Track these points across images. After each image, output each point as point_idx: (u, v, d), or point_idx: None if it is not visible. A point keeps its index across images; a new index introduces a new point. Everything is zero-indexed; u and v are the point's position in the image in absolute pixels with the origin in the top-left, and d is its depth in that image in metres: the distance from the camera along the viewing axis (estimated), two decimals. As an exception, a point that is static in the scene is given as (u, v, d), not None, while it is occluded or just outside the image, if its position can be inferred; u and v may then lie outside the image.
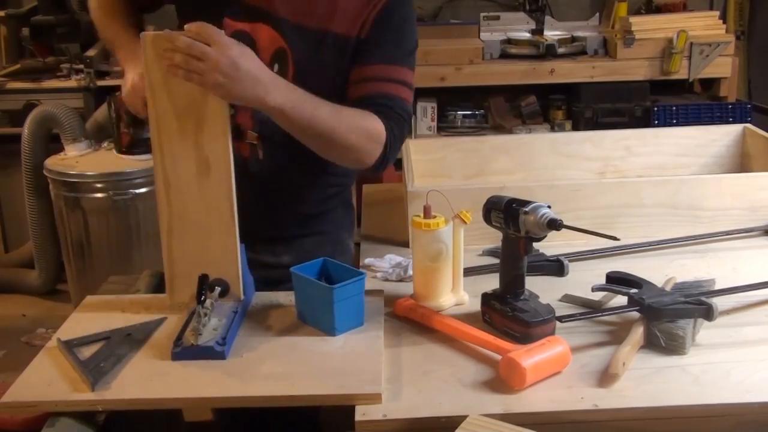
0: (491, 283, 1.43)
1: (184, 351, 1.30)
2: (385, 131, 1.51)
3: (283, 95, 1.39)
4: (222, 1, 1.56)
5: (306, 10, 1.55)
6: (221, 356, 1.29)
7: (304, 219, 1.74)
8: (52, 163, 3.19)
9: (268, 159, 1.64)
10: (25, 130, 3.34)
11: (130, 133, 3.06)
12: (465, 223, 1.43)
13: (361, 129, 1.49)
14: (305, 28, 1.55)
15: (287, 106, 1.39)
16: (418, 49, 1.63)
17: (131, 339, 1.37)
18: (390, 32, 1.56)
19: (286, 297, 1.50)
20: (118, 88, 2.16)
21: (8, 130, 3.60)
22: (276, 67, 1.56)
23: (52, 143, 3.35)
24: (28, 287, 3.62)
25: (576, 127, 3.58)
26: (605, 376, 1.22)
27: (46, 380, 1.26)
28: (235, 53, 1.32)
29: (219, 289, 1.39)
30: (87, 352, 1.33)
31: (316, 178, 1.70)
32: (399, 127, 1.54)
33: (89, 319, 1.45)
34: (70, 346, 1.34)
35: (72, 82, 3.61)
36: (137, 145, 3.06)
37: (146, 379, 1.25)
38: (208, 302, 1.34)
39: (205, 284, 1.37)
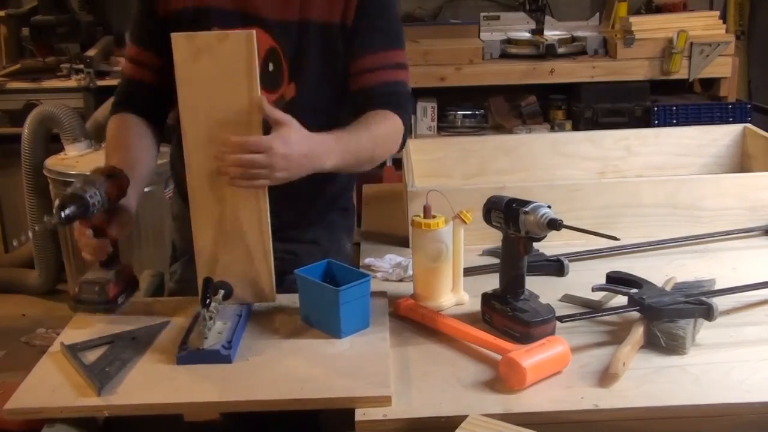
0: (491, 283, 1.43)
1: (189, 355, 1.29)
2: (401, 121, 1.62)
3: (334, 154, 1.45)
4: (206, 15, 1.57)
5: (284, 3, 1.57)
6: (227, 360, 1.29)
7: (301, 224, 1.75)
8: (52, 163, 3.19)
9: None
10: (25, 130, 3.33)
11: None
12: (465, 223, 1.44)
13: (389, 135, 1.60)
14: (288, 21, 1.58)
15: (340, 160, 1.47)
16: (418, 48, 1.64)
17: (136, 342, 1.36)
18: (377, 18, 1.61)
19: (289, 299, 1.49)
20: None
21: (8, 130, 3.59)
22: (270, 66, 1.57)
23: (52, 143, 3.35)
24: (28, 287, 3.61)
25: (576, 127, 3.57)
26: (605, 376, 1.22)
27: (50, 386, 1.25)
28: (280, 147, 1.34)
29: (223, 291, 1.38)
30: (91, 356, 1.32)
31: (316, 183, 1.70)
32: (407, 109, 1.66)
33: (91, 322, 1.44)
34: (74, 351, 1.33)
35: (72, 82, 3.61)
36: None
37: (152, 384, 1.25)
38: (213, 305, 1.33)
39: (209, 287, 1.37)
